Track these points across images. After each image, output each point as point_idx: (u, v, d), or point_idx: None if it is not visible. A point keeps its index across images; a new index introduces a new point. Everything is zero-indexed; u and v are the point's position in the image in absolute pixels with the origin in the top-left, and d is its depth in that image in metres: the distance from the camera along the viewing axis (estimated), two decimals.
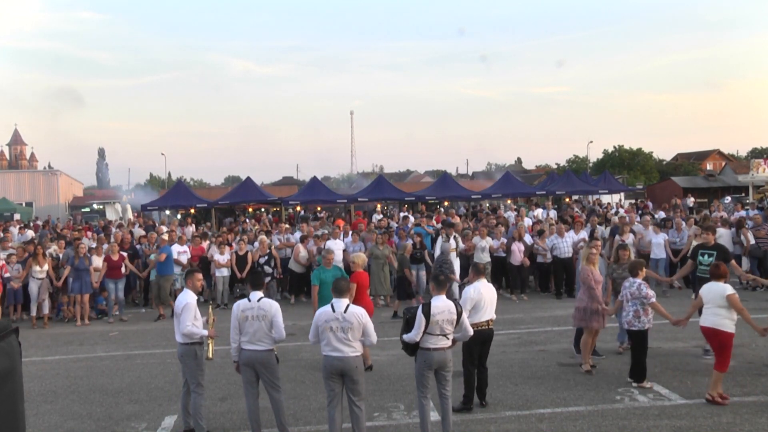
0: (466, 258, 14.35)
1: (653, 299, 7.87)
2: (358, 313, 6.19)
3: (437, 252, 13.90)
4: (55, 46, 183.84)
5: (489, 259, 14.28)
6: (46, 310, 13.34)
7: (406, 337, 6.40)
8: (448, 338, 6.37)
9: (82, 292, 13.29)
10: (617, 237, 14.24)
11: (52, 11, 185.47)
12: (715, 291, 7.36)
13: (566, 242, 14.31)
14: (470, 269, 7.82)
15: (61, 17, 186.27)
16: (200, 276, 7.21)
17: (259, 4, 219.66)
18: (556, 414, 7.05)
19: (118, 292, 13.82)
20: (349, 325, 6.10)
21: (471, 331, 6.68)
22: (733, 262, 9.78)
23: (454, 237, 13.97)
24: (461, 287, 11.07)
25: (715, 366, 7.26)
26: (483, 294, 7.20)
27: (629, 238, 14.20)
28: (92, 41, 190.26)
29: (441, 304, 6.36)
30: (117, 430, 7.13)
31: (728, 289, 7.29)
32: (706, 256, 9.39)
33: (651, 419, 6.81)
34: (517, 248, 14.56)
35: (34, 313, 13.20)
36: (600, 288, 8.59)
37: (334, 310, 6.18)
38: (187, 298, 6.80)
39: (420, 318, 6.30)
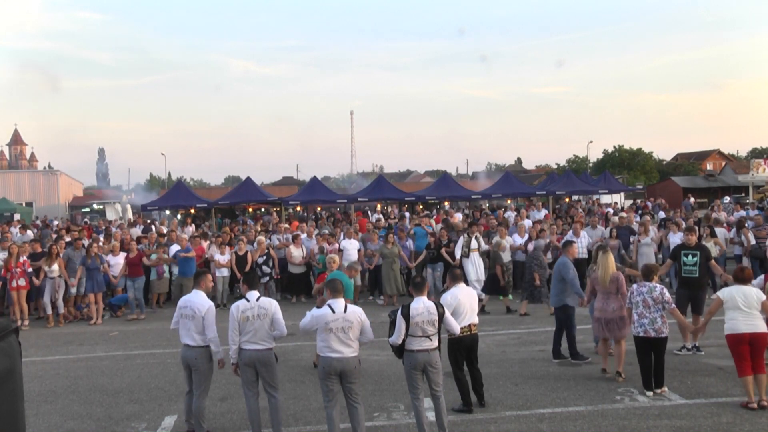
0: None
1: (674, 305, 7.77)
2: (358, 311, 6.26)
3: (458, 252, 13.81)
4: (55, 46, 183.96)
5: (509, 258, 14.25)
6: (61, 309, 13.39)
7: (390, 340, 6.45)
8: (431, 339, 6.35)
9: (94, 291, 13.34)
10: (636, 237, 14.29)
11: (52, 11, 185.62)
12: (750, 294, 7.14)
13: (581, 243, 13.86)
14: (447, 275, 7.75)
15: (61, 17, 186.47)
16: (210, 277, 7.23)
17: (259, 4, 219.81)
18: (556, 414, 7.05)
19: (137, 291, 13.85)
20: (350, 324, 6.14)
21: (457, 328, 6.68)
22: (712, 262, 9.87)
23: (476, 237, 13.89)
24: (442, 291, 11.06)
25: (762, 370, 7.01)
26: (460, 299, 7.09)
27: (647, 239, 14.25)
28: (92, 41, 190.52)
29: (420, 305, 6.37)
30: (117, 430, 7.12)
31: (762, 294, 7.25)
32: (690, 257, 9.47)
33: (651, 419, 6.81)
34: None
35: (50, 311, 13.25)
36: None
37: (334, 311, 6.18)
38: (208, 300, 6.80)
39: (399, 320, 6.32)
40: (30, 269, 13.17)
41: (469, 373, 7.34)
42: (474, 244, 13.72)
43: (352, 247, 14.35)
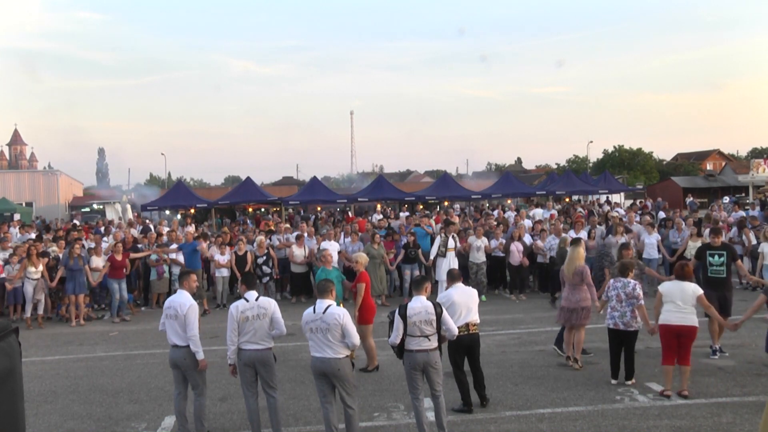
0: (464, 258, 14.36)
1: (642, 302, 8.00)
2: (338, 313, 6.10)
3: (434, 251, 13.88)
4: (55, 46, 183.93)
5: (484, 259, 14.28)
6: (41, 311, 13.30)
7: (389, 340, 6.44)
8: (429, 339, 6.30)
9: (75, 292, 13.27)
10: (610, 236, 14.27)
11: (52, 11, 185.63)
12: (687, 290, 7.53)
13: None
14: (446, 275, 7.73)
15: (61, 17, 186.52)
16: (195, 277, 7.18)
17: (259, 4, 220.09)
18: (556, 414, 7.04)
19: (122, 291, 13.78)
20: (326, 325, 6.04)
21: (455, 330, 6.57)
22: (738, 262, 9.78)
23: (453, 236, 13.96)
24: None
25: (685, 362, 7.48)
26: (455, 299, 7.04)
27: (622, 239, 14.21)
28: (92, 41, 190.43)
29: (418, 305, 6.32)
30: (117, 430, 7.13)
31: (699, 289, 7.57)
32: (716, 257, 9.37)
33: (651, 419, 6.81)
34: (516, 248, 14.57)
35: (28, 314, 13.17)
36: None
37: (314, 311, 6.16)
38: (190, 299, 6.72)
39: (397, 320, 6.29)
40: (3, 274, 13.09)
41: (470, 373, 7.33)
42: (451, 243, 13.79)
43: (332, 248, 14.38)
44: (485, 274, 14.41)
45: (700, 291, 7.55)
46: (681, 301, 7.49)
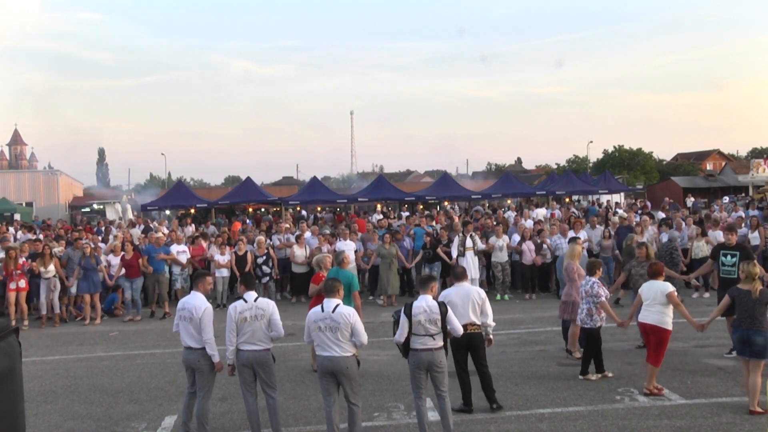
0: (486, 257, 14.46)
1: (603, 299, 8.09)
2: (346, 312, 6.14)
3: (454, 251, 13.85)
4: (55, 46, 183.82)
5: (507, 258, 14.33)
6: (57, 309, 13.34)
7: (394, 339, 6.44)
8: (434, 338, 6.29)
9: (90, 291, 13.29)
10: (674, 231, 14.31)
11: (52, 11, 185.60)
12: (656, 289, 7.61)
13: (564, 242, 14.25)
14: (450, 273, 7.74)
15: (61, 17, 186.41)
16: (210, 279, 7.16)
17: (259, 4, 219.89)
18: (556, 414, 7.05)
19: (135, 291, 13.76)
20: (336, 324, 6.06)
21: (460, 329, 6.54)
22: (754, 262, 9.42)
23: (471, 236, 13.92)
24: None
25: (648, 360, 7.58)
26: (452, 298, 7.00)
27: (644, 238, 14.25)
28: (92, 41, 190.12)
29: (423, 304, 6.32)
30: (117, 430, 7.13)
31: (669, 287, 7.58)
32: (729, 257, 9.22)
33: (651, 419, 6.81)
34: (528, 248, 14.59)
35: (45, 311, 13.22)
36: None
37: (323, 310, 6.18)
38: (205, 302, 6.66)
39: (403, 319, 6.29)
40: (28, 268, 13.16)
41: (477, 374, 7.29)
42: (469, 242, 13.76)
43: (348, 248, 14.35)
44: (509, 273, 14.46)
45: (670, 288, 7.56)
46: (651, 299, 7.60)
